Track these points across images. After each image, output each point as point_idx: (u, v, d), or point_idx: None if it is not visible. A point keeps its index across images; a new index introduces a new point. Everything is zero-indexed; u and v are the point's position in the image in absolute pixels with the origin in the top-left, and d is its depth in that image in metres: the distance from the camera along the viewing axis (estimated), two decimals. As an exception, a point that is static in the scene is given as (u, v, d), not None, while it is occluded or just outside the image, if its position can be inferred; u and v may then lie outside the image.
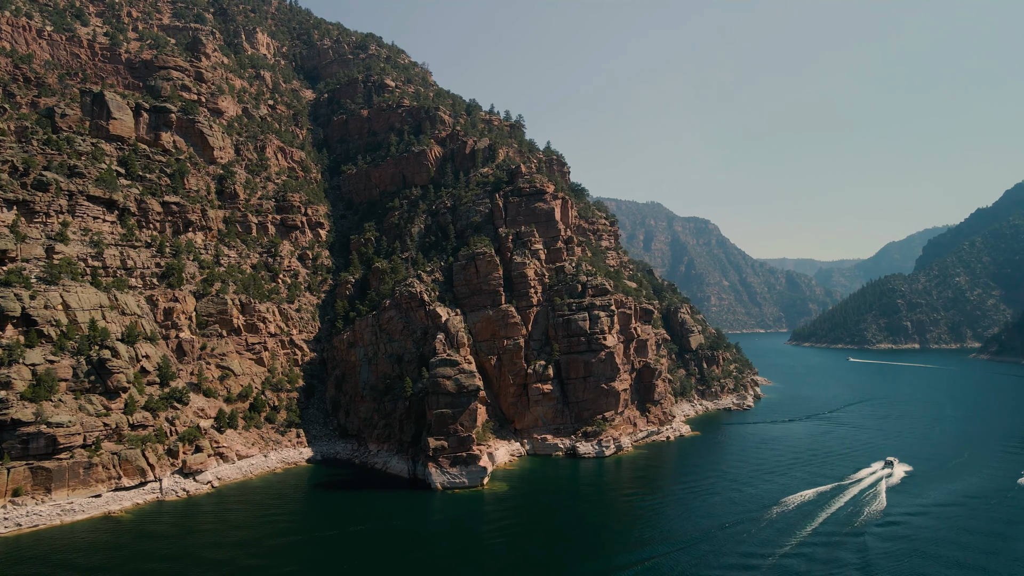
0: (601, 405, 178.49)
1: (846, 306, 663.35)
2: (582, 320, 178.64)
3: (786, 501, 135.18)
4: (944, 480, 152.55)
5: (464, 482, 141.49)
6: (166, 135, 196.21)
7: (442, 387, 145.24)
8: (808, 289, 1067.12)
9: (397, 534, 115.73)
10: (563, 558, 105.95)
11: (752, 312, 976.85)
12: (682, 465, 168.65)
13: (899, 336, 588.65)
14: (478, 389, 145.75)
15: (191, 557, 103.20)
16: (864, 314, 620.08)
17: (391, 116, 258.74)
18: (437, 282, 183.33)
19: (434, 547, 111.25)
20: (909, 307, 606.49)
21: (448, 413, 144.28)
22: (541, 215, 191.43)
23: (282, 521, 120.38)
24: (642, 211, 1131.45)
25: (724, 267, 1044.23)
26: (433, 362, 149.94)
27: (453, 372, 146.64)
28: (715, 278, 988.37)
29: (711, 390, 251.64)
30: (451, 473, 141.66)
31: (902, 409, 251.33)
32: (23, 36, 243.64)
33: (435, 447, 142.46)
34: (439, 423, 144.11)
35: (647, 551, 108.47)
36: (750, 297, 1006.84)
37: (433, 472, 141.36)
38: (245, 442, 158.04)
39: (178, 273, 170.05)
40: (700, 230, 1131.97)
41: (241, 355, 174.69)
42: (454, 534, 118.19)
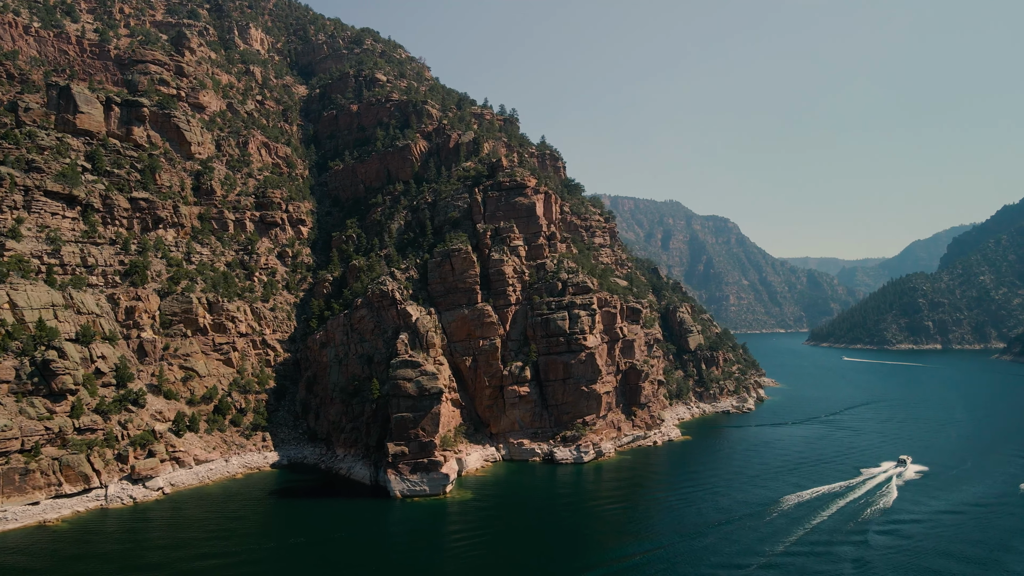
0: (582, 408, 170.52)
1: (865, 306, 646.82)
2: (561, 319, 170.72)
3: (762, 512, 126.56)
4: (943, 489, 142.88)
5: (425, 490, 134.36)
6: (138, 130, 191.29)
7: (402, 390, 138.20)
8: (830, 288, 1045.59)
9: (339, 545, 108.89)
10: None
11: (772, 312, 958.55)
12: (662, 472, 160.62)
13: (920, 336, 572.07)
14: (440, 392, 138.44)
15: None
16: (884, 314, 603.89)
17: (379, 111, 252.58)
18: (412, 280, 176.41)
19: (371, 561, 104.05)
20: (931, 307, 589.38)
21: (409, 417, 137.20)
22: (522, 210, 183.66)
23: (220, 532, 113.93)
24: (660, 210, 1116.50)
25: (743, 266, 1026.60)
26: (394, 363, 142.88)
27: (414, 374, 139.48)
28: (734, 277, 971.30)
29: (709, 392, 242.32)
30: (411, 480, 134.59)
31: (907, 412, 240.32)
32: (9, 32, 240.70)
33: (394, 453, 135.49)
34: (399, 428, 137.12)
35: (602, 569, 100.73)
36: (770, 297, 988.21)
37: (392, 479, 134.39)
38: (205, 446, 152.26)
39: (142, 271, 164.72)
40: (719, 229, 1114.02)
41: (207, 356, 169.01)
42: (400, 547, 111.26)
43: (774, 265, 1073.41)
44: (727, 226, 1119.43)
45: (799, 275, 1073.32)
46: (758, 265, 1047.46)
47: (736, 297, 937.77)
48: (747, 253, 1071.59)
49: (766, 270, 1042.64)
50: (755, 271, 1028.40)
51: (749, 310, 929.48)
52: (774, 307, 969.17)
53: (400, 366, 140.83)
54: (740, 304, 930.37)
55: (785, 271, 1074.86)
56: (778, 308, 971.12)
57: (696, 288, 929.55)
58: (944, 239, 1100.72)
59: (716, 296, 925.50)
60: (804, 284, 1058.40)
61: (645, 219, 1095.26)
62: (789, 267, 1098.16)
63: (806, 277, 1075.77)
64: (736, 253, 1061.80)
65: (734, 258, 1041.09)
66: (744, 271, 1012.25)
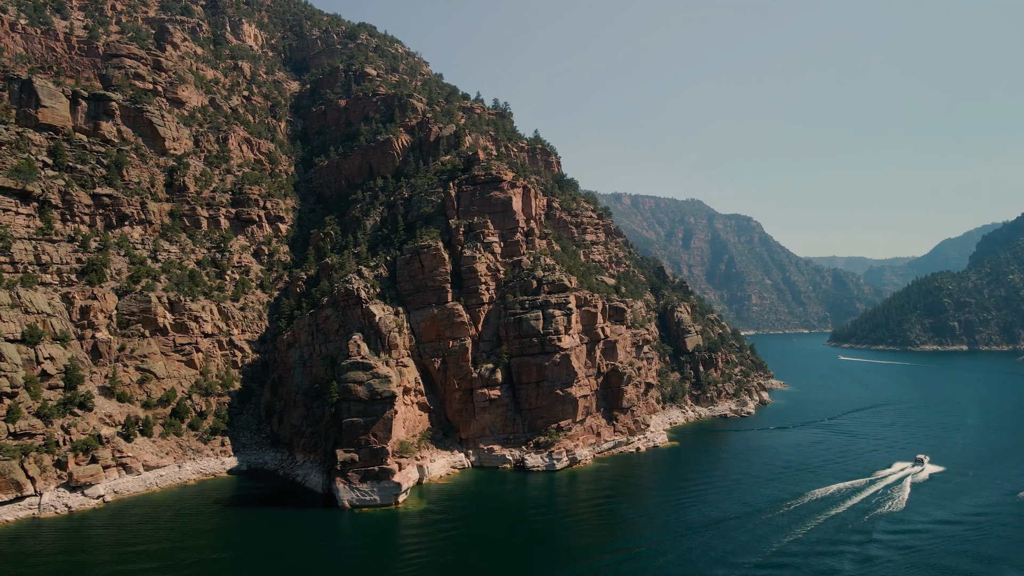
0: (557, 413, 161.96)
1: (889, 306, 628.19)
2: (535, 319, 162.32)
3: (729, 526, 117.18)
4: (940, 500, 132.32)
5: (375, 499, 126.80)
6: (107, 125, 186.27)
7: (353, 393, 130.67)
8: (856, 288, 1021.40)
9: (266, 561, 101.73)
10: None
11: (796, 312, 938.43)
12: (637, 481, 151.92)
13: (945, 337, 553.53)
14: (393, 396, 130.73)
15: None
16: (908, 314, 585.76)
17: (366, 105, 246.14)
18: (380, 278, 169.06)
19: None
20: (957, 306, 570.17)
21: (359, 422, 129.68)
22: (497, 205, 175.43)
23: (145, 544, 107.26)
24: (681, 208, 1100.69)
25: (766, 265, 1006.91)
26: (344, 365, 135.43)
27: (366, 376, 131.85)
28: (756, 277, 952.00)
29: (706, 395, 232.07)
30: (361, 490, 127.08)
31: (914, 416, 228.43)
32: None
33: (344, 460, 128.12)
34: (349, 433, 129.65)
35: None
36: (793, 296, 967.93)
37: (341, 488, 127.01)
38: (158, 451, 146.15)
39: (99, 269, 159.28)
40: (742, 228, 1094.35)
41: (168, 357, 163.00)
42: (332, 561, 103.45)
43: (798, 264, 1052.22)
44: (750, 225, 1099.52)
45: (824, 274, 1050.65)
46: (781, 264, 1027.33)
47: (758, 297, 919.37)
48: (770, 252, 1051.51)
49: (790, 269, 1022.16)
50: (778, 270, 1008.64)
51: (772, 310, 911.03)
52: (798, 307, 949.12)
53: (351, 368, 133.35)
54: (762, 304, 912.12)
55: (810, 270, 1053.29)
56: (802, 308, 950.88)
57: (717, 288, 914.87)
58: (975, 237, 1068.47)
59: (738, 296, 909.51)
60: (829, 284, 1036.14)
61: (666, 218, 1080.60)
62: (814, 266, 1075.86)
63: (831, 276, 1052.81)
64: (759, 252, 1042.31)
65: (757, 257, 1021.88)
66: (767, 270, 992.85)
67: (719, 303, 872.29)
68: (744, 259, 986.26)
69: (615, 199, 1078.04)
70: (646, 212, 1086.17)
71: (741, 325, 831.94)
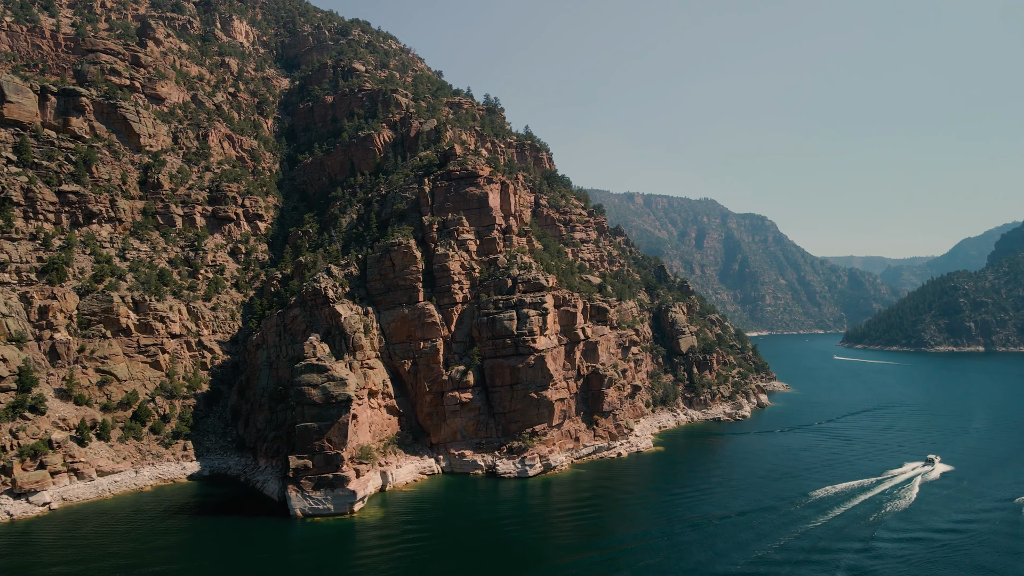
0: (532, 417, 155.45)
1: (903, 306, 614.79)
2: (508, 319, 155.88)
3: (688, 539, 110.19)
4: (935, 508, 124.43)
5: (329, 508, 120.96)
6: (77, 120, 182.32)
7: (307, 397, 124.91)
8: (872, 288, 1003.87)
9: (197, 574, 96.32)
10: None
11: (810, 312, 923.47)
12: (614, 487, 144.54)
13: (961, 338, 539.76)
14: (349, 400, 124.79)
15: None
16: (922, 314, 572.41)
17: (351, 101, 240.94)
18: (351, 277, 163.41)
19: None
20: (973, 307, 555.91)
21: (313, 427, 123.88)
22: (473, 201, 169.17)
23: (76, 555, 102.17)
24: (695, 208, 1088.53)
25: (781, 265, 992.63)
26: (298, 367, 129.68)
27: (320, 379, 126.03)
28: (770, 276, 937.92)
29: (700, 398, 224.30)
30: (314, 498, 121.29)
31: (916, 419, 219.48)
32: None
33: (296, 467, 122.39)
34: (303, 439, 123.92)
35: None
36: (808, 296, 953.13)
37: (293, 496, 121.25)
38: (115, 456, 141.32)
39: (61, 268, 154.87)
40: (756, 227, 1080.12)
41: (131, 358, 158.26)
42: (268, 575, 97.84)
43: (813, 264, 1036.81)
44: (764, 224, 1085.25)
45: (840, 274, 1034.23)
46: (796, 264, 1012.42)
47: (772, 297, 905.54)
48: (785, 252, 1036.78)
49: (805, 269, 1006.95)
50: (793, 270, 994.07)
51: (786, 310, 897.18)
52: (812, 307, 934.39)
53: (305, 370, 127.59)
54: (776, 304, 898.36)
55: (825, 270, 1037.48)
56: (817, 308, 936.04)
57: (730, 288, 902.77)
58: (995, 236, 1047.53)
59: (751, 296, 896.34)
60: (845, 284, 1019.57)
61: (679, 217, 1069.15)
62: (829, 266, 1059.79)
63: (847, 276, 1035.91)
64: (773, 252, 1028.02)
65: (771, 257, 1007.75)
66: (781, 270, 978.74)
67: (732, 303, 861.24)
68: (758, 259, 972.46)
69: (627, 198, 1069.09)
70: (659, 211, 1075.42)
71: (754, 325, 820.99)
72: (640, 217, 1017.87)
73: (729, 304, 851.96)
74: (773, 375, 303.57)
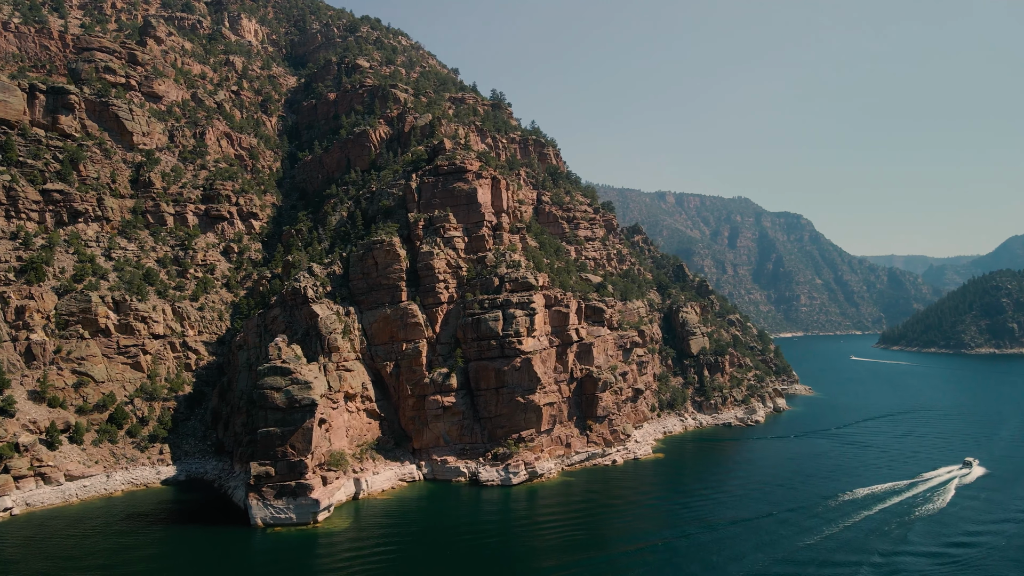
0: (518, 422, 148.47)
1: (942, 306, 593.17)
2: (494, 320, 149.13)
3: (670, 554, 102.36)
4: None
5: (291, 518, 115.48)
6: (66, 119, 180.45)
7: (269, 400, 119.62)
8: (913, 288, 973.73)
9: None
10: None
11: (848, 312, 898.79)
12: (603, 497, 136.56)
13: (1003, 339, 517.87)
14: (314, 404, 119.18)
15: None
16: (962, 315, 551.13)
17: (353, 98, 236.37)
18: (334, 276, 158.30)
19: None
20: (1017, 307, 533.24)
21: (276, 432, 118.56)
22: (461, 197, 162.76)
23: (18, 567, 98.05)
24: (727, 207, 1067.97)
25: (817, 264, 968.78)
26: (261, 370, 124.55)
27: (284, 382, 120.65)
28: (806, 276, 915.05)
29: (710, 402, 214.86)
30: (275, 506, 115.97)
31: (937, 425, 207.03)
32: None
33: (258, 474, 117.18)
34: (265, 445, 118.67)
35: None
36: (846, 296, 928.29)
37: (254, 505, 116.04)
38: (87, 460, 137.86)
39: (39, 267, 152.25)
40: (791, 225, 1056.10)
41: (110, 359, 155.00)
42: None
43: (851, 263, 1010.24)
44: (800, 223, 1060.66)
45: (879, 274, 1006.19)
46: (833, 263, 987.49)
47: (807, 297, 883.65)
48: (821, 251, 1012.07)
49: (842, 269, 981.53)
50: (829, 270, 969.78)
51: (822, 310, 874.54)
52: (850, 307, 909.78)
53: (268, 373, 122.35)
54: (812, 304, 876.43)
55: (864, 270, 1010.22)
56: (854, 309, 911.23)
57: (764, 288, 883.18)
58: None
59: (786, 296, 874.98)
60: (884, 283, 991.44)
61: (711, 216, 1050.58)
62: (868, 265, 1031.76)
63: (887, 276, 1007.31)
64: (809, 251, 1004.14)
65: (807, 256, 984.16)
66: (817, 270, 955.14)
67: (765, 303, 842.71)
68: (793, 258, 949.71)
69: (658, 198, 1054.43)
70: (691, 211, 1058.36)
71: (789, 326, 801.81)
72: (671, 216, 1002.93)
73: (762, 304, 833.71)
74: (795, 378, 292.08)
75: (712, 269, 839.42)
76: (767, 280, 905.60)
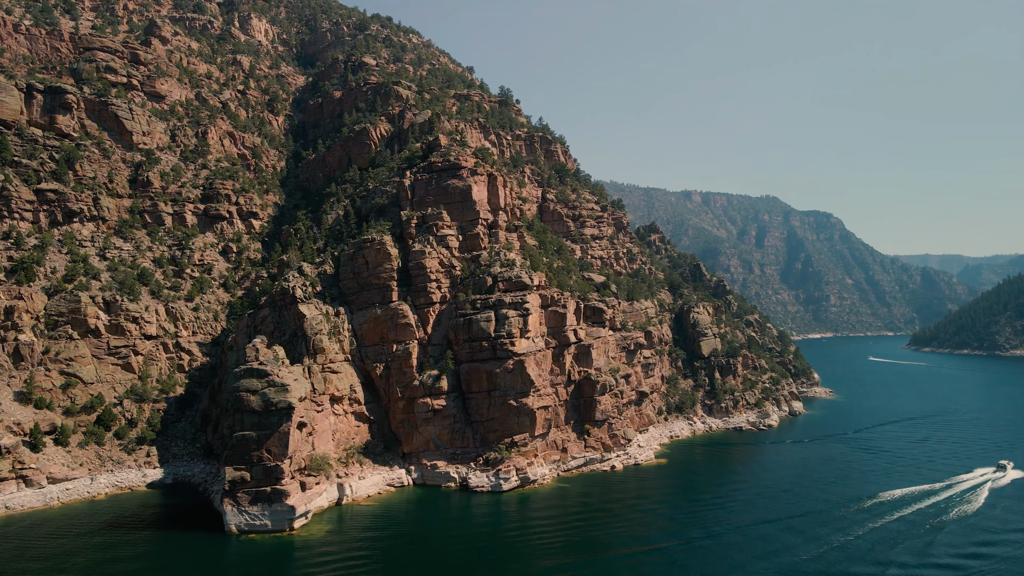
0: (511, 426, 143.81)
1: (976, 306, 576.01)
2: (485, 321, 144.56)
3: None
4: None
5: (266, 525, 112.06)
6: (63, 118, 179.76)
7: (245, 403, 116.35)
8: (948, 288, 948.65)
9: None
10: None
11: (879, 313, 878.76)
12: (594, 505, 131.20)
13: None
14: (290, 407, 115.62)
15: None
16: (997, 315, 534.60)
17: (357, 96, 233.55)
18: (325, 275, 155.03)
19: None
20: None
21: (252, 436, 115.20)
22: (455, 194, 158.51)
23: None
24: (755, 205, 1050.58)
25: (847, 264, 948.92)
26: (236, 372, 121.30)
27: (260, 384, 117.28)
28: (836, 276, 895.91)
29: (720, 405, 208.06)
30: (250, 513, 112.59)
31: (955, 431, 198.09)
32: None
33: (233, 479, 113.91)
34: (240, 449, 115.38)
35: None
36: (877, 297, 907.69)
37: (228, 511, 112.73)
38: (71, 462, 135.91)
39: (30, 267, 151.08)
40: (821, 224, 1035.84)
41: (100, 360, 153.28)
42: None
43: (883, 263, 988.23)
44: (829, 222, 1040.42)
45: (912, 273, 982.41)
46: (864, 263, 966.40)
47: (838, 297, 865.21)
48: (852, 250, 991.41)
49: (873, 268, 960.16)
50: (861, 269, 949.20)
51: (852, 311, 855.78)
52: (881, 308, 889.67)
53: (244, 375, 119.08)
54: (842, 305, 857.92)
55: (896, 269, 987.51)
56: (886, 309, 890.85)
57: (792, 288, 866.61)
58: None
59: (815, 296, 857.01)
60: (918, 283, 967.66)
61: (738, 216, 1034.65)
62: (901, 265, 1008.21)
63: (920, 276, 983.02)
64: (839, 250, 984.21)
65: (837, 255, 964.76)
66: (848, 269, 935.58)
67: (793, 304, 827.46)
68: (822, 257, 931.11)
69: (684, 197, 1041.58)
70: (717, 210, 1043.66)
71: (818, 327, 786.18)
72: (697, 216, 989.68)
73: (790, 305, 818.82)
74: (816, 380, 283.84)
75: (739, 269, 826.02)
76: (795, 280, 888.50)
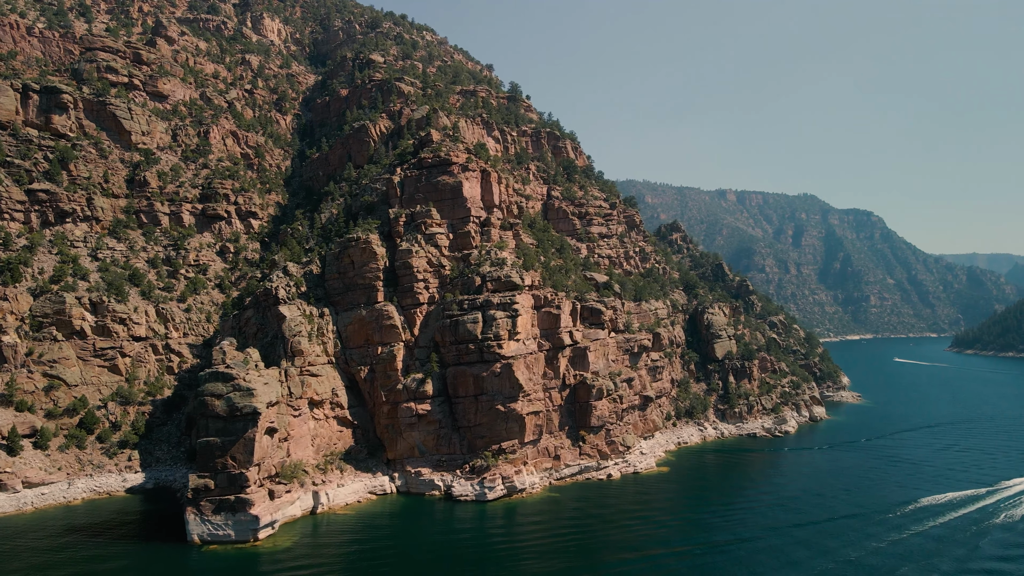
0: (499, 432, 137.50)
1: (1021, 308, 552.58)
2: (472, 322, 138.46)
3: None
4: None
5: (229, 535, 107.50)
6: (59, 118, 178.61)
7: (210, 408, 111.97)
8: (995, 287, 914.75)
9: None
10: None
11: (922, 314, 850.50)
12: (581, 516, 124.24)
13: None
14: (256, 412, 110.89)
15: None
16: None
17: (362, 93, 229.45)
18: (311, 275, 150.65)
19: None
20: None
21: (216, 443, 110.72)
22: (446, 191, 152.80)
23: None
24: (792, 204, 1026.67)
25: (888, 263, 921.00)
26: (203, 375, 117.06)
27: (226, 389, 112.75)
28: (876, 276, 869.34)
29: (734, 410, 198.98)
30: (213, 522, 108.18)
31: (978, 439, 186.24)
32: (10, 34, 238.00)
33: (196, 487, 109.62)
34: (205, 456, 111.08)
35: None
36: (920, 297, 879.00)
37: (191, 520, 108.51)
38: (49, 466, 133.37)
39: (15, 268, 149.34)
40: (861, 223, 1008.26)
41: (86, 362, 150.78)
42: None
43: (926, 262, 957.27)
44: (870, 220, 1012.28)
45: (957, 273, 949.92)
46: (906, 262, 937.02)
47: (878, 298, 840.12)
48: (893, 249, 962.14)
49: (916, 268, 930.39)
50: (902, 269, 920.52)
51: (893, 312, 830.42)
52: (924, 308, 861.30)
53: (209, 379, 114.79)
54: (883, 305, 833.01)
55: (940, 269, 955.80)
56: (929, 310, 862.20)
57: (830, 288, 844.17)
58: None
59: (854, 296, 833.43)
60: (963, 283, 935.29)
61: (774, 215, 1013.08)
62: (945, 264, 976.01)
63: (966, 275, 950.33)
64: (880, 249, 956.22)
65: (878, 255, 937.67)
66: (889, 269, 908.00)
67: (831, 304, 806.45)
68: (862, 257, 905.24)
69: (719, 196, 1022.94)
70: (752, 208, 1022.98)
71: (857, 328, 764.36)
72: (732, 215, 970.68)
73: (828, 305, 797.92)
74: (843, 383, 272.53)
75: (774, 269, 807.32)
76: (834, 280, 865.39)
